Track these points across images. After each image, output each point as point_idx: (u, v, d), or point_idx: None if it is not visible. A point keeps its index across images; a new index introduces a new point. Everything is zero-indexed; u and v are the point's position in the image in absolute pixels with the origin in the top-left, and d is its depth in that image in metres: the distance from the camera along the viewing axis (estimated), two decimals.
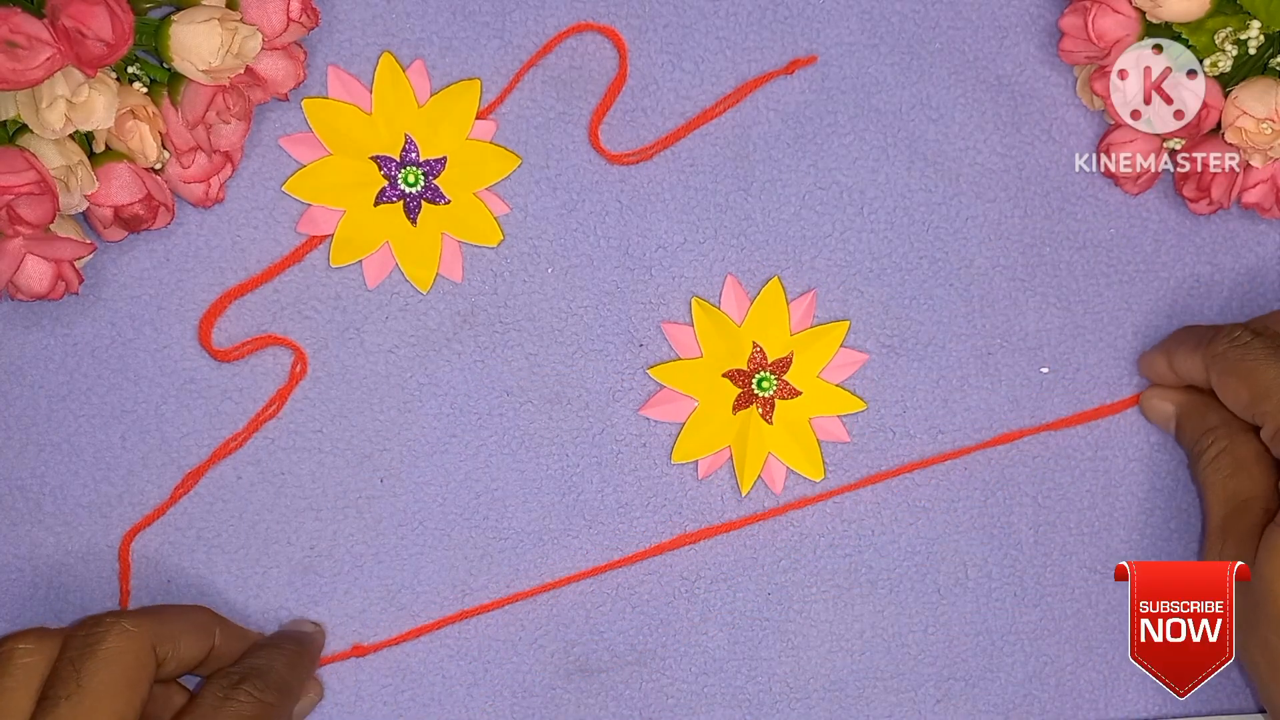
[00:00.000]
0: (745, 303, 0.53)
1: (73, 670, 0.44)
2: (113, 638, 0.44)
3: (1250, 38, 0.49)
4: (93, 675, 0.44)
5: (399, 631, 0.53)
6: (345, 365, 0.53)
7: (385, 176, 0.52)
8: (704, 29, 0.53)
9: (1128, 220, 0.54)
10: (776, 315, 0.52)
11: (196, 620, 0.48)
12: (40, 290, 0.49)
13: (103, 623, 0.45)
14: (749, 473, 0.52)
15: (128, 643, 0.45)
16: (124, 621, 0.45)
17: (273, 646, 0.49)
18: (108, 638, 0.44)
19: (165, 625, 0.46)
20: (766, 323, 0.52)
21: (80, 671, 0.44)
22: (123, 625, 0.45)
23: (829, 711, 0.53)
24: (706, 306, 0.52)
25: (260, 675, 0.47)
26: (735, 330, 0.52)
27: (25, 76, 0.44)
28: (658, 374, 0.53)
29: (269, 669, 0.47)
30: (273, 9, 0.48)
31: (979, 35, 0.54)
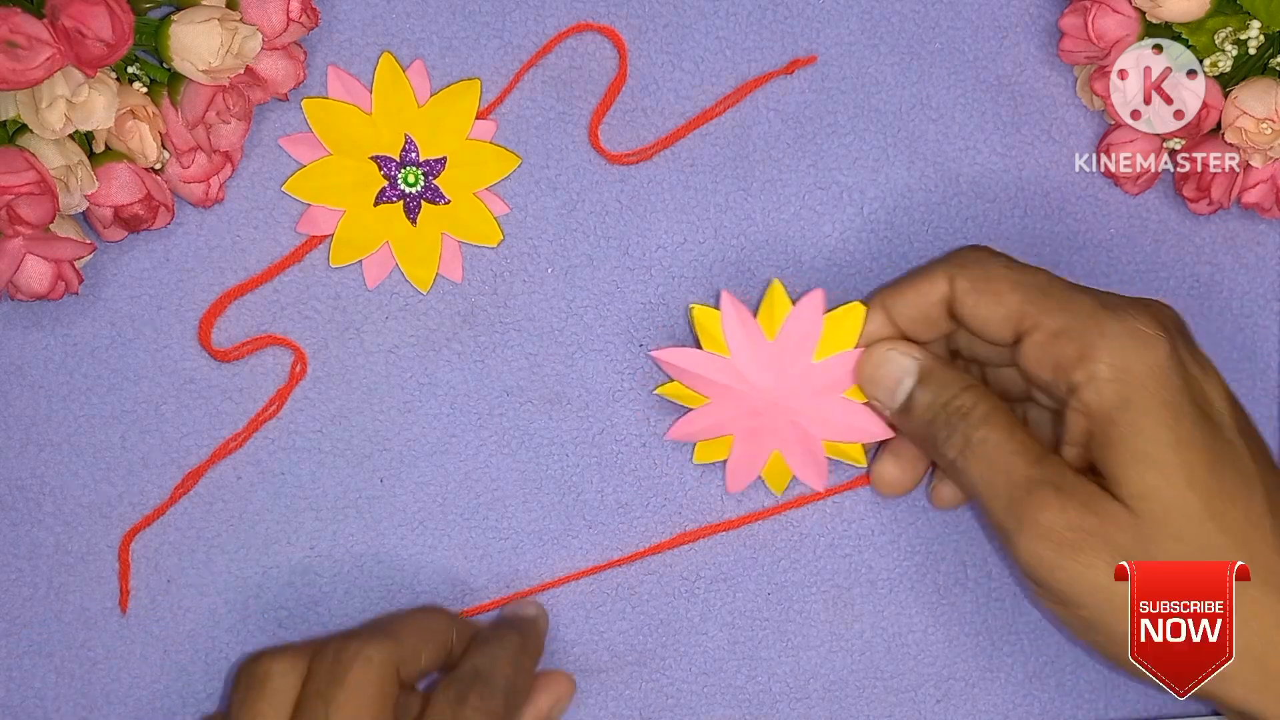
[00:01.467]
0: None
1: (321, 704, 0.44)
2: (357, 668, 0.44)
3: (1250, 38, 0.49)
4: (340, 710, 0.44)
5: None
6: (345, 365, 0.53)
7: (385, 176, 0.52)
8: (704, 29, 0.53)
9: (1128, 220, 0.54)
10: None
11: (434, 630, 0.48)
12: (40, 290, 0.49)
13: (347, 650, 0.45)
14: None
15: (372, 672, 0.45)
16: (368, 649, 0.45)
17: (495, 642, 0.48)
18: (353, 668, 0.44)
19: (405, 645, 0.46)
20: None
21: (329, 705, 0.44)
22: (366, 654, 0.45)
23: (829, 711, 0.53)
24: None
25: (485, 681, 0.46)
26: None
27: (25, 76, 0.44)
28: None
29: (493, 671, 0.47)
30: (273, 9, 0.48)
31: (979, 35, 0.54)
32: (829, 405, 0.50)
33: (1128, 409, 0.43)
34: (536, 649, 0.50)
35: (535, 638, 0.50)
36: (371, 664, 0.45)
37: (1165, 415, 0.43)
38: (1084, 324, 0.44)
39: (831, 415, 0.50)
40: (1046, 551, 0.44)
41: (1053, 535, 0.43)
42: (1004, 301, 0.46)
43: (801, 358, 0.49)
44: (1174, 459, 0.43)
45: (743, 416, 0.50)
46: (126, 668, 0.52)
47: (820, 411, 0.50)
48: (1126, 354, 0.44)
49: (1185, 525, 0.43)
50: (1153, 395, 0.43)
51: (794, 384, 0.50)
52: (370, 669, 0.45)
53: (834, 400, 0.50)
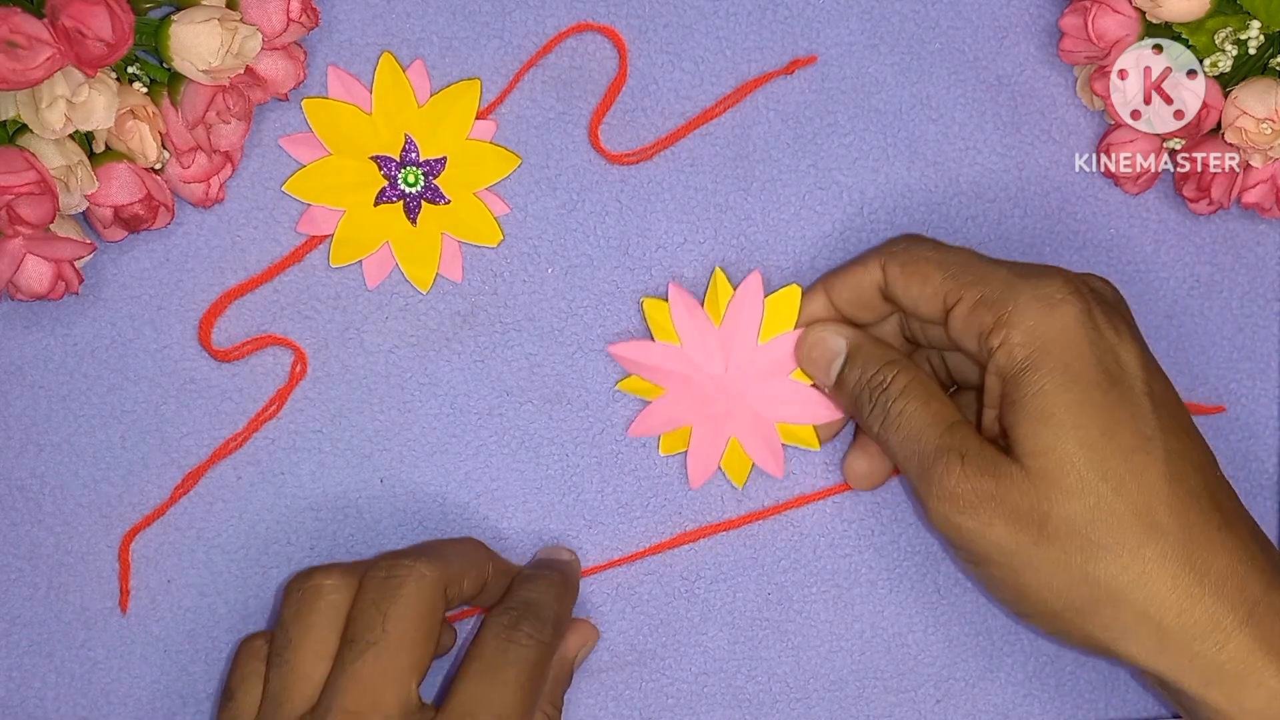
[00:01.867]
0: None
1: (378, 615, 0.45)
2: (411, 583, 0.45)
3: (1250, 38, 0.49)
4: (397, 622, 0.44)
5: None
6: (345, 365, 0.53)
7: (385, 176, 0.52)
8: (704, 29, 0.53)
9: (1128, 220, 0.54)
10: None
11: (474, 557, 0.48)
12: (40, 290, 0.49)
13: (401, 565, 0.46)
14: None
15: (425, 589, 0.45)
16: (420, 566, 0.46)
17: (540, 579, 0.49)
18: (407, 583, 0.45)
19: (452, 567, 0.47)
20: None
21: (387, 617, 0.45)
22: (419, 570, 0.45)
23: (829, 711, 0.53)
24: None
25: (535, 613, 0.47)
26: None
27: (25, 76, 0.44)
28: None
29: (542, 604, 0.48)
30: (273, 9, 0.48)
31: (979, 35, 0.54)
32: (777, 387, 0.51)
33: (1033, 370, 0.45)
34: (574, 590, 0.51)
35: (574, 578, 0.51)
36: (425, 580, 0.45)
37: (1065, 376, 0.45)
38: (1000, 292, 0.46)
39: (781, 396, 0.52)
40: (951, 513, 0.46)
41: (955, 498, 0.45)
42: (929, 280, 0.48)
43: (747, 340, 0.51)
44: (1069, 418, 0.45)
45: (698, 404, 0.52)
46: (126, 668, 0.52)
47: (770, 393, 0.52)
48: (1037, 317, 0.46)
49: (1075, 483, 0.44)
50: (1056, 357, 0.45)
51: (742, 367, 0.51)
52: (424, 585, 0.45)
53: (782, 382, 0.51)
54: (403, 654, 0.44)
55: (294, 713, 0.44)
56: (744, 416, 0.52)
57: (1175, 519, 0.44)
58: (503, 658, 0.45)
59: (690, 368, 0.51)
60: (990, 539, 0.45)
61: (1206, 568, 0.44)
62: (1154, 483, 0.45)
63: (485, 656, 0.46)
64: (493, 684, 0.45)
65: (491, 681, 0.45)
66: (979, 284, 0.47)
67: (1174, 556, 0.44)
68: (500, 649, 0.46)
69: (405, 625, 0.45)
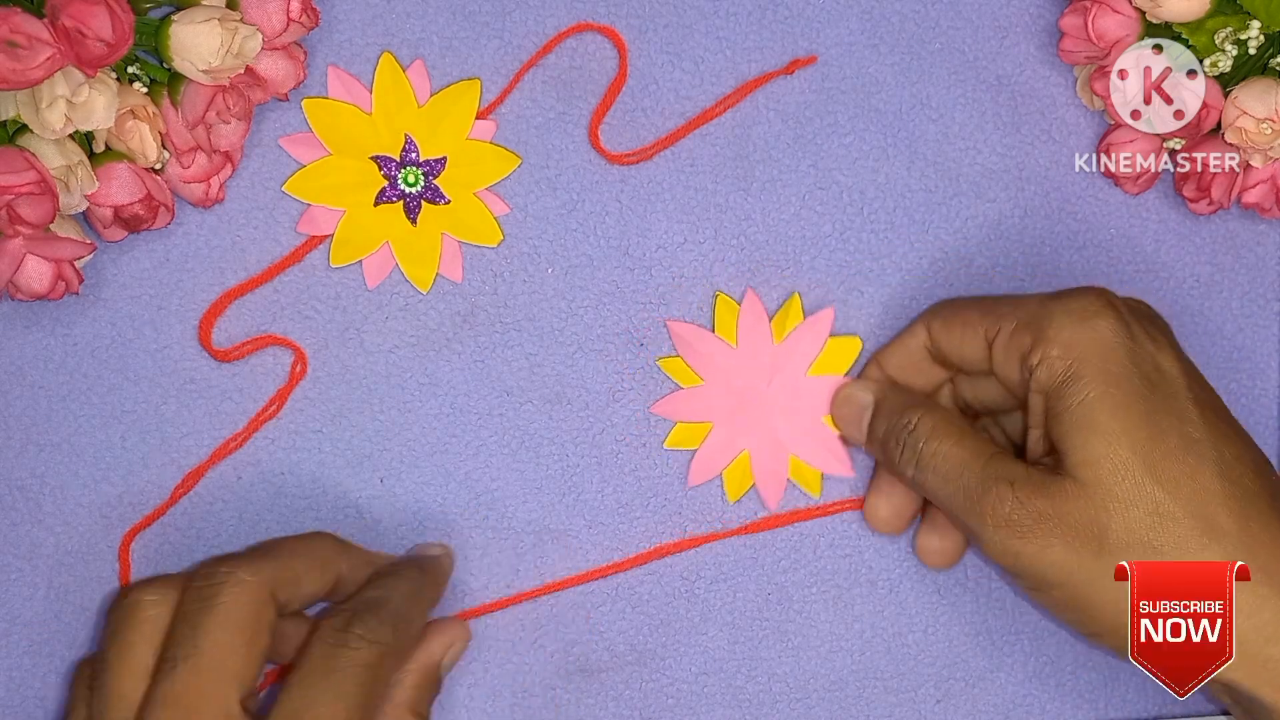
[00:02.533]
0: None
1: (190, 630, 0.42)
2: (228, 591, 0.43)
3: (1250, 38, 0.49)
4: (209, 635, 0.42)
5: None
6: (345, 365, 0.53)
7: (385, 176, 0.52)
8: (704, 29, 0.53)
9: (1128, 220, 0.54)
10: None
11: (318, 554, 0.46)
12: (40, 290, 0.49)
13: (218, 573, 0.43)
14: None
15: (245, 594, 0.43)
16: (240, 571, 0.43)
17: (392, 575, 0.47)
18: (223, 591, 0.43)
19: (284, 568, 0.45)
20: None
21: (197, 630, 0.42)
22: (238, 576, 0.43)
23: (829, 711, 0.53)
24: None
25: (371, 611, 0.44)
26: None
27: (25, 76, 0.44)
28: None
29: (383, 602, 0.45)
30: (273, 9, 0.48)
31: (979, 35, 0.54)
32: (807, 422, 0.52)
33: (1075, 381, 0.45)
34: (436, 589, 0.49)
35: (436, 576, 0.49)
36: (244, 586, 0.43)
37: (1108, 383, 0.45)
38: (1035, 314, 0.47)
39: (806, 432, 0.52)
40: (1009, 539, 0.45)
41: (1011, 524, 0.45)
42: (969, 321, 0.49)
43: (798, 368, 0.52)
44: (1115, 424, 0.44)
45: (728, 405, 0.52)
46: None
47: (798, 425, 0.52)
48: (1073, 330, 0.46)
49: (1131, 489, 0.44)
50: (1096, 366, 0.45)
51: (784, 390, 0.52)
52: (243, 590, 0.43)
53: (813, 420, 0.52)
54: (220, 668, 0.42)
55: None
56: (764, 435, 0.52)
57: (1234, 520, 0.44)
58: (330, 663, 0.43)
59: (736, 371, 0.52)
60: (1051, 560, 0.45)
61: (1272, 568, 0.43)
62: (1208, 484, 0.44)
63: (311, 662, 0.43)
64: (318, 693, 0.42)
65: (317, 689, 0.42)
66: (1015, 312, 0.47)
67: (1237, 558, 0.44)
68: (327, 654, 0.43)
69: (220, 636, 0.42)
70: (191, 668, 0.42)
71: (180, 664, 0.42)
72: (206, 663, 0.42)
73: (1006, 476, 0.46)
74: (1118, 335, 0.45)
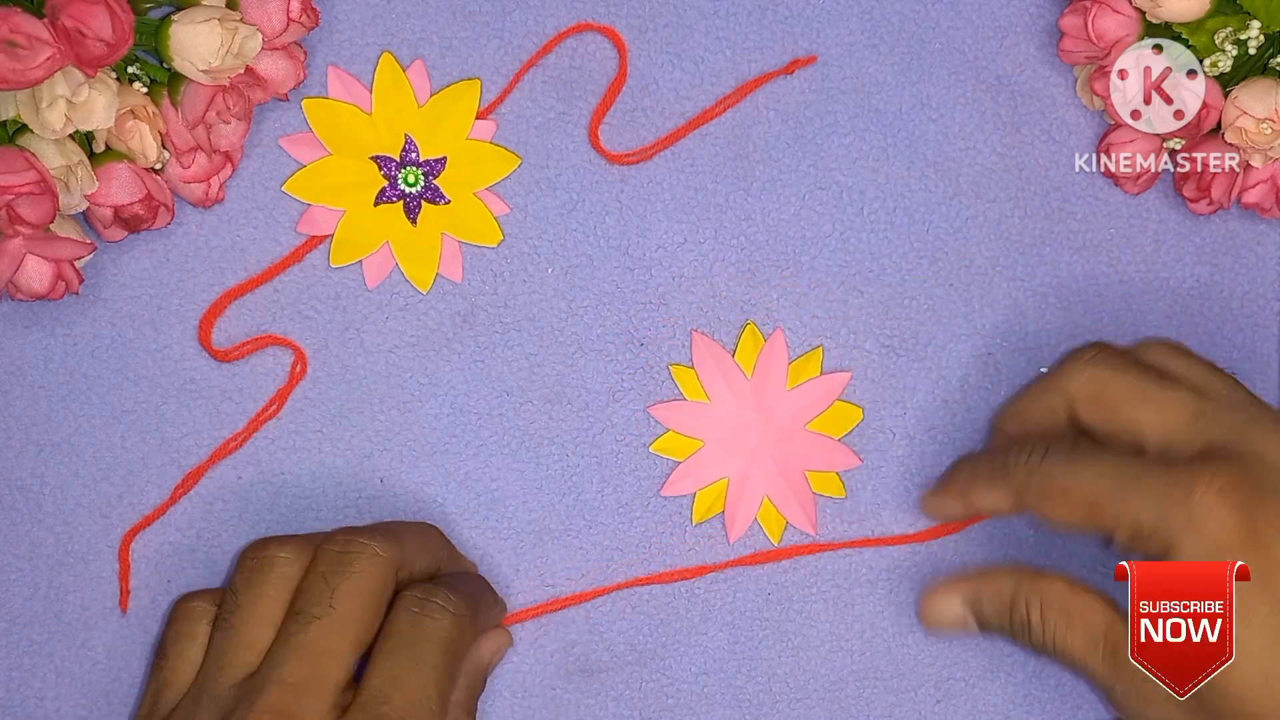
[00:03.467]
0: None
1: (326, 588, 0.45)
2: (364, 560, 0.45)
3: (1250, 38, 0.49)
4: (345, 597, 0.45)
5: None
6: (345, 365, 0.53)
7: (385, 176, 0.52)
8: (704, 29, 0.53)
9: (1128, 220, 0.54)
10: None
11: (430, 544, 0.49)
12: (40, 290, 0.49)
13: (355, 543, 0.46)
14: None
15: (377, 567, 0.45)
16: (375, 545, 0.46)
17: (463, 572, 0.50)
18: (360, 560, 0.45)
19: (407, 550, 0.47)
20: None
21: (334, 591, 0.45)
22: (374, 549, 0.45)
23: (829, 711, 0.53)
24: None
25: (450, 586, 0.47)
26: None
27: (25, 76, 0.44)
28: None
29: (461, 581, 0.48)
30: (273, 9, 0.48)
31: (979, 35, 0.54)
32: (792, 472, 0.53)
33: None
34: (497, 599, 0.51)
35: (499, 596, 0.51)
36: (378, 560, 0.45)
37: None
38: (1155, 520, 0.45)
39: (788, 481, 0.53)
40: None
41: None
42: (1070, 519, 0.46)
43: (801, 418, 0.53)
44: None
45: (723, 431, 0.53)
46: (126, 668, 0.52)
47: (783, 471, 0.53)
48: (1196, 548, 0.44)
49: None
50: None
51: (780, 433, 0.53)
52: (376, 564, 0.45)
53: (798, 472, 0.53)
54: (348, 630, 0.44)
55: (234, 677, 0.44)
56: (747, 473, 0.53)
57: None
58: (416, 632, 0.45)
59: (743, 401, 0.53)
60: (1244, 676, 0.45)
61: None
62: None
63: (398, 634, 0.45)
64: (407, 662, 0.44)
65: (406, 660, 0.44)
66: (1128, 512, 0.45)
67: None
68: (412, 622, 0.45)
69: (352, 601, 0.45)
70: (324, 625, 0.44)
71: (314, 621, 0.44)
72: (338, 622, 0.44)
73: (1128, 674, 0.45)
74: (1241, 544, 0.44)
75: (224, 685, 0.44)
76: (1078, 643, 0.47)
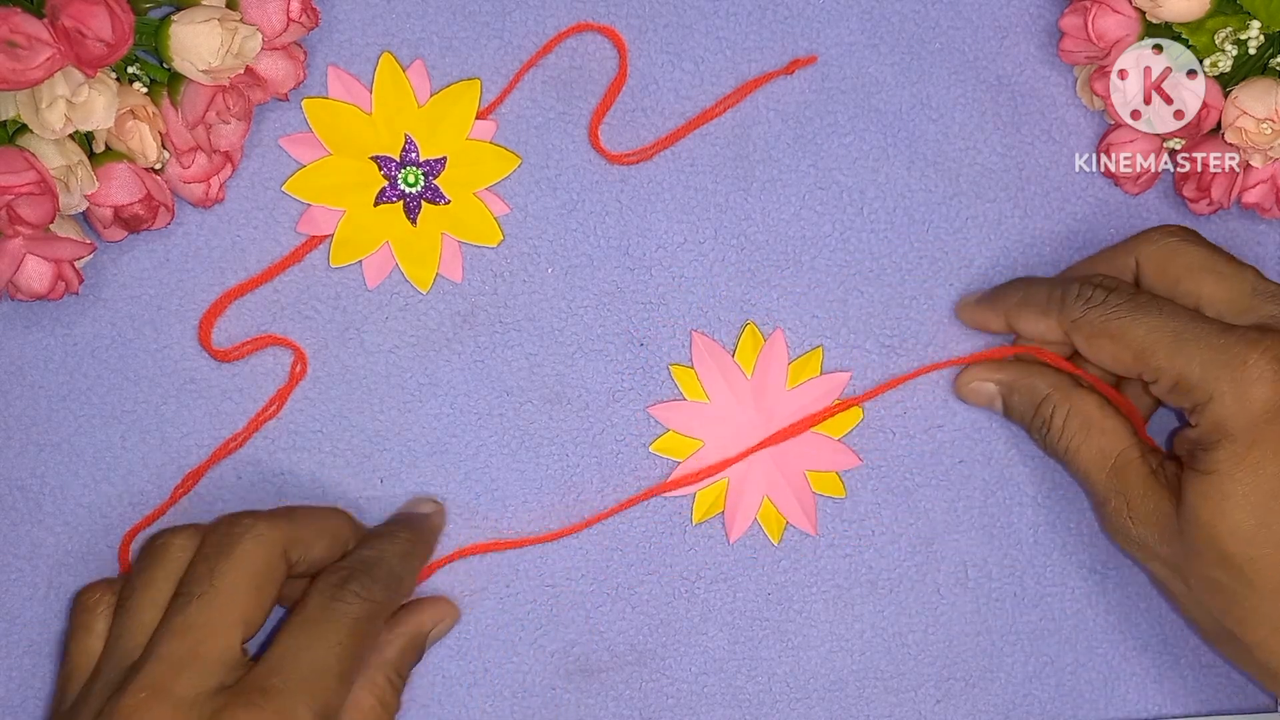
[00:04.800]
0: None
1: (207, 569, 0.45)
2: (247, 540, 0.46)
3: (1250, 38, 0.49)
4: (224, 576, 0.45)
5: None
6: (345, 365, 0.53)
7: (385, 176, 0.52)
8: (704, 29, 0.53)
9: (1128, 220, 0.54)
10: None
11: (332, 526, 0.49)
12: (40, 290, 0.49)
13: (239, 524, 0.46)
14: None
15: (260, 547, 0.46)
16: (259, 525, 0.46)
17: (386, 536, 0.50)
18: (243, 540, 0.46)
19: (299, 529, 0.47)
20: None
21: (214, 571, 0.45)
22: (258, 529, 0.46)
23: (829, 711, 0.53)
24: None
25: (367, 571, 0.47)
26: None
27: (25, 76, 0.44)
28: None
29: (378, 561, 0.48)
30: (273, 9, 0.48)
31: (979, 35, 0.54)
32: (792, 472, 0.53)
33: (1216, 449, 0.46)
34: (427, 547, 0.51)
35: (428, 534, 0.51)
36: (262, 540, 0.46)
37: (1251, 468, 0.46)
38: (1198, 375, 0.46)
39: (788, 481, 0.53)
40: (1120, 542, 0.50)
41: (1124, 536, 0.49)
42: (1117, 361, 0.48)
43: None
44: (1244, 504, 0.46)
45: (723, 431, 0.53)
46: None
47: (783, 471, 0.53)
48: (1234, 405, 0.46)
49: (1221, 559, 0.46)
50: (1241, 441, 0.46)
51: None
52: (260, 544, 0.46)
53: (798, 472, 0.53)
54: (229, 607, 0.45)
55: (128, 659, 0.45)
56: (748, 473, 0.53)
57: None
58: (324, 613, 0.45)
59: (743, 400, 0.53)
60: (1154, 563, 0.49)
61: None
62: None
63: (307, 612, 0.45)
64: (310, 639, 0.45)
65: (310, 637, 0.45)
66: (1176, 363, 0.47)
67: None
68: (323, 605, 0.45)
69: (233, 579, 0.45)
70: (203, 603, 0.45)
71: (194, 599, 0.45)
72: (218, 601, 0.45)
73: (1124, 492, 0.49)
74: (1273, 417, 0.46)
75: (116, 668, 0.45)
76: (1088, 454, 0.49)
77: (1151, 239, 0.50)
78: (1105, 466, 0.49)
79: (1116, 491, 0.49)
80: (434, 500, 0.52)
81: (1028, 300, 0.50)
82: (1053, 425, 0.50)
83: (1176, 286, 0.49)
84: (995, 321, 0.52)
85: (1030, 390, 0.51)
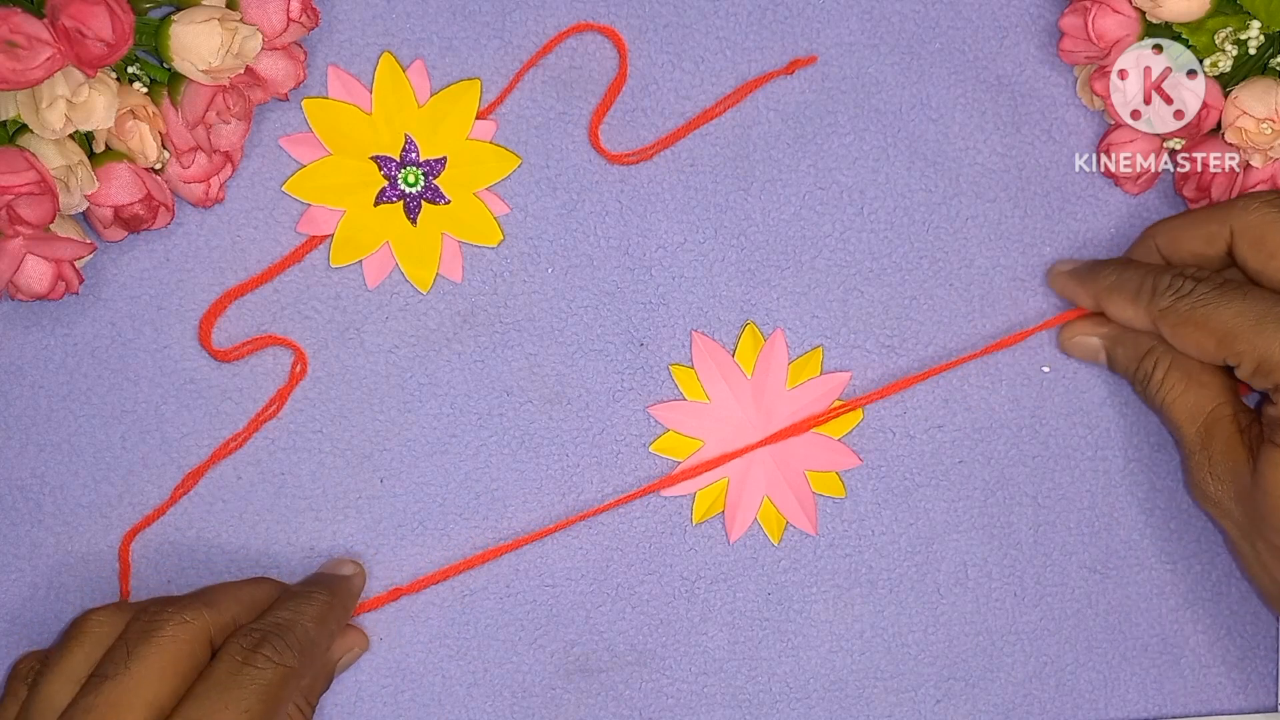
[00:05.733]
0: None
1: (124, 652, 0.45)
2: (170, 627, 0.46)
3: (1250, 38, 0.49)
4: (140, 660, 0.45)
5: (399, 631, 0.53)
6: (345, 365, 0.53)
7: (385, 176, 0.52)
8: (704, 29, 0.53)
9: (1128, 220, 0.54)
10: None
11: (256, 600, 0.48)
12: (40, 290, 0.49)
13: (165, 611, 0.46)
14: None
15: (183, 633, 0.46)
16: (185, 613, 0.46)
17: (303, 597, 0.49)
18: (165, 626, 0.46)
19: (224, 613, 0.47)
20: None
21: (130, 654, 0.45)
22: (182, 616, 0.46)
23: (829, 711, 0.53)
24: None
25: (281, 634, 0.46)
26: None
27: (25, 76, 0.44)
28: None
29: (292, 625, 0.47)
30: (273, 9, 0.48)
31: (979, 35, 0.54)
32: (792, 471, 0.53)
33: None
34: (344, 611, 0.51)
35: (346, 596, 0.51)
36: (184, 625, 0.46)
37: None
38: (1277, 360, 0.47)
39: (788, 481, 0.53)
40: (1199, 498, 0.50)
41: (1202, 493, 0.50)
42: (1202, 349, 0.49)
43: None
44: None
45: (723, 430, 0.53)
46: None
47: (783, 470, 0.53)
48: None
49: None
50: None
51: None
52: (182, 629, 0.46)
53: (798, 472, 0.53)
54: (140, 690, 0.44)
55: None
56: (748, 473, 0.53)
57: None
58: (234, 678, 0.45)
59: (743, 400, 0.53)
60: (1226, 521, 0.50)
61: None
62: None
63: (215, 677, 0.45)
64: (218, 705, 0.44)
65: (217, 703, 0.44)
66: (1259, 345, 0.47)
67: None
68: (233, 670, 0.45)
69: (149, 663, 0.45)
70: (115, 685, 0.44)
71: (106, 680, 0.44)
72: (130, 681, 0.44)
73: (1208, 450, 0.49)
74: None
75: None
76: (1183, 408, 0.50)
77: (1248, 209, 0.49)
78: (1198, 420, 0.50)
79: (1202, 447, 0.49)
80: (355, 562, 0.52)
81: (1119, 286, 0.51)
82: (1154, 377, 0.50)
83: (1272, 260, 0.48)
84: (1085, 299, 0.52)
85: (1135, 343, 0.51)
